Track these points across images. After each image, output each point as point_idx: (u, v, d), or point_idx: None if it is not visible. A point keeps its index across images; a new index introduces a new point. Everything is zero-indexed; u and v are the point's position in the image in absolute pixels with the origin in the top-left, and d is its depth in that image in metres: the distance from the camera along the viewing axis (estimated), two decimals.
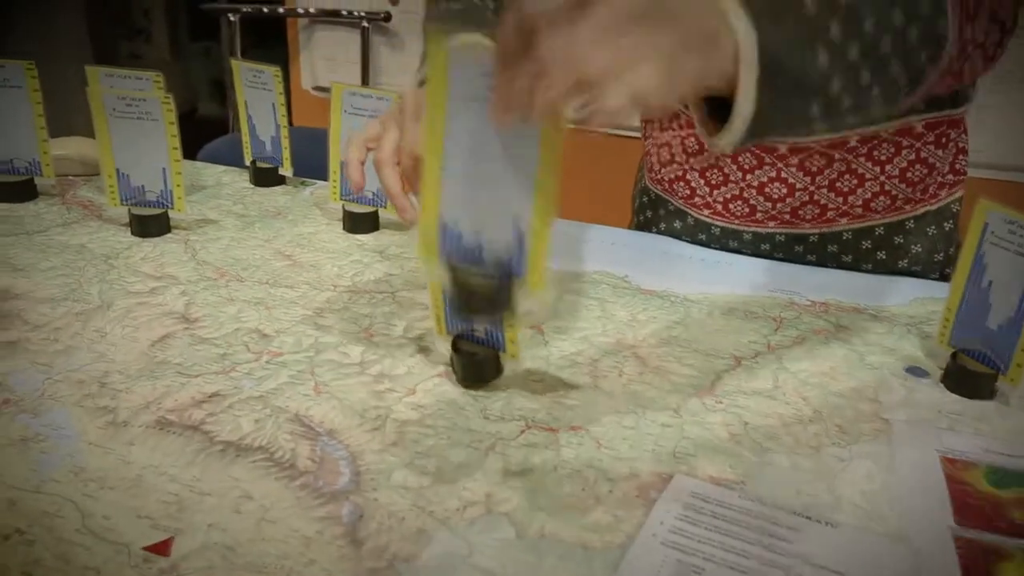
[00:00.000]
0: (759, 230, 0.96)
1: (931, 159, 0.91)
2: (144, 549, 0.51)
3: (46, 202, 1.02)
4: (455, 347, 0.63)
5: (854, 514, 0.56)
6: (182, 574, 0.50)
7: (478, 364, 0.63)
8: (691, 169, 0.97)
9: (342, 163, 0.98)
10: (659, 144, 1.01)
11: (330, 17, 2.17)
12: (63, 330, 0.75)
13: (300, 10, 2.17)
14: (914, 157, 0.91)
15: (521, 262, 0.51)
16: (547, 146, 0.46)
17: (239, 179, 1.14)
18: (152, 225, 0.94)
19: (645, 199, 1.08)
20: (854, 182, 0.91)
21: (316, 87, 2.27)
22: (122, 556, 0.51)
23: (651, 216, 1.07)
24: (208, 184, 1.11)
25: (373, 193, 0.98)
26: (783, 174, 0.91)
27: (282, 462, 0.60)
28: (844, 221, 0.94)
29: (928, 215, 0.95)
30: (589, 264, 0.93)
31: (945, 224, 0.96)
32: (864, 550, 0.53)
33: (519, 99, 0.46)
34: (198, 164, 1.19)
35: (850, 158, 0.90)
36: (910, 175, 0.91)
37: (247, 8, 2.22)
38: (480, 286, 0.52)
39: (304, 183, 1.13)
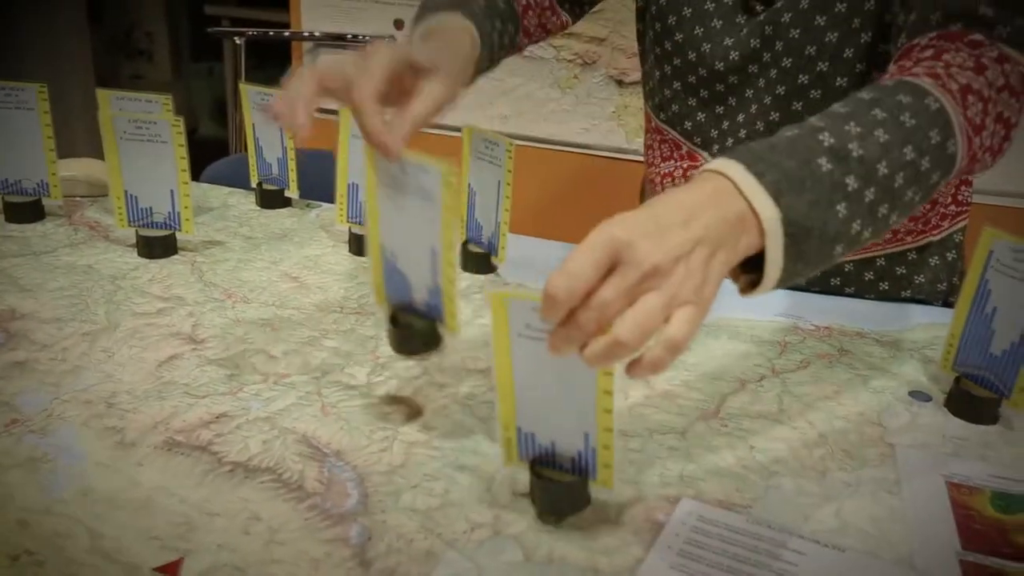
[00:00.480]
0: None
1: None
2: (154, 570, 0.51)
3: (53, 223, 1.03)
4: (536, 473, 0.59)
5: (861, 539, 0.56)
6: None
7: (564, 490, 0.58)
8: None
9: (349, 185, 0.99)
10: (663, 174, 1.02)
11: (335, 40, 2.19)
12: (70, 350, 0.75)
13: (306, 33, 2.19)
14: None
15: (594, 464, 0.57)
16: (604, 370, 0.53)
17: (245, 201, 1.14)
18: (159, 246, 0.95)
19: None
20: None
21: (320, 110, 2.28)
22: None
23: None
24: (214, 206, 1.12)
25: None
26: None
27: (290, 483, 0.60)
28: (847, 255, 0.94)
29: (931, 246, 0.95)
30: None
31: (948, 254, 0.97)
32: (871, 575, 0.53)
33: (579, 338, 0.50)
34: (204, 186, 1.20)
35: None
36: None
37: (253, 31, 2.23)
38: (557, 481, 0.58)
39: (310, 205, 1.14)
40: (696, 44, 0.91)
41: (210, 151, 1.96)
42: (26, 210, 1.02)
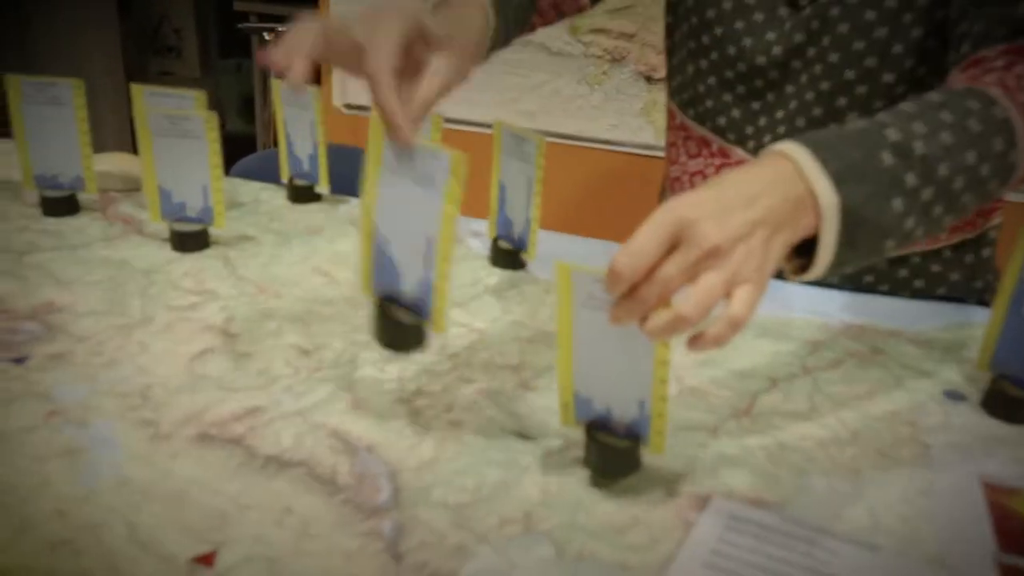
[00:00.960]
0: None
1: None
2: (189, 561, 0.52)
3: (88, 217, 1.04)
4: (592, 437, 0.61)
5: (895, 538, 0.56)
6: None
7: (618, 454, 0.60)
8: None
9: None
10: (691, 172, 1.01)
11: None
12: (106, 343, 0.76)
13: None
14: None
15: (647, 430, 0.59)
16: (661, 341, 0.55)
17: (276, 196, 1.15)
18: (192, 241, 0.96)
19: None
20: None
21: (347, 105, 2.29)
22: (169, 567, 0.51)
23: None
24: (246, 201, 1.13)
25: None
26: None
27: (322, 477, 0.60)
28: None
29: (966, 243, 0.94)
30: None
31: (983, 251, 0.96)
32: (905, 575, 0.53)
33: (640, 311, 0.53)
34: (236, 181, 1.21)
35: None
36: None
37: (283, 28, 2.25)
38: (614, 447, 0.60)
39: (340, 200, 1.14)
40: (737, 38, 0.90)
41: (238, 147, 1.98)
42: (62, 204, 1.03)
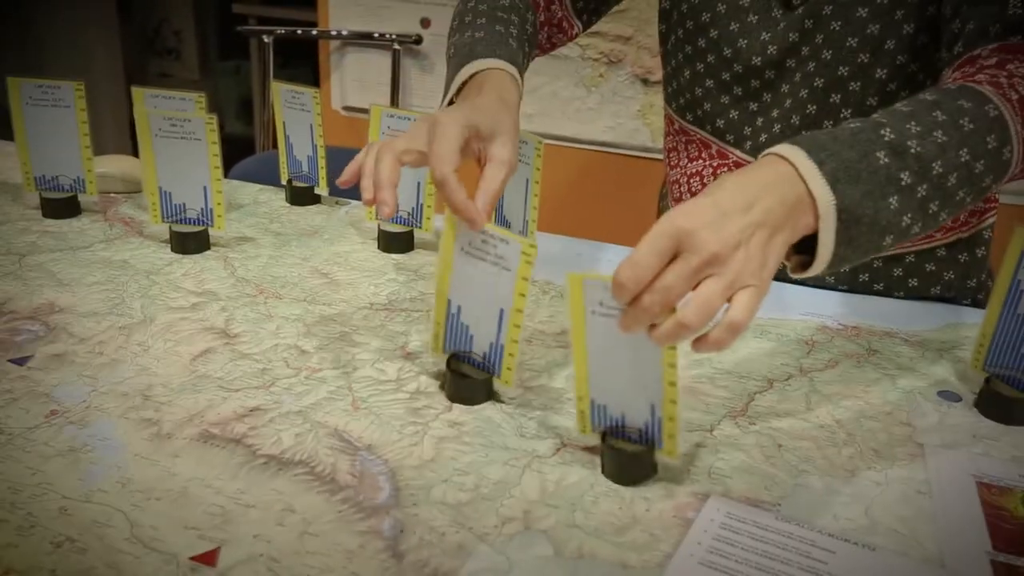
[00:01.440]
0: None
1: None
2: (191, 559, 0.52)
3: (89, 218, 1.04)
4: (607, 443, 0.62)
5: (891, 538, 0.57)
6: None
7: (632, 459, 0.61)
8: None
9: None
10: (689, 174, 1.02)
11: (362, 39, 2.20)
12: (107, 344, 0.77)
13: (333, 32, 2.20)
14: None
15: (659, 434, 0.60)
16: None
17: (275, 198, 1.16)
18: (192, 242, 0.96)
19: None
20: None
21: (346, 107, 2.30)
22: (170, 566, 0.52)
23: None
24: (245, 203, 1.13)
25: (408, 213, 1.00)
26: None
27: (323, 476, 0.61)
28: None
29: (960, 242, 0.95)
30: None
31: (977, 251, 0.96)
32: (901, 574, 0.53)
33: (646, 319, 0.55)
34: (235, 183, 1.21)
35: None
36: None
37: (281, 30, 2.25)
38: (627, 451, 0.61)
39: (339, 203, 1.15)
40: (732, 40, 0.91)
41: (237, 148, 1.99)
42: (63, 206, 1.04)
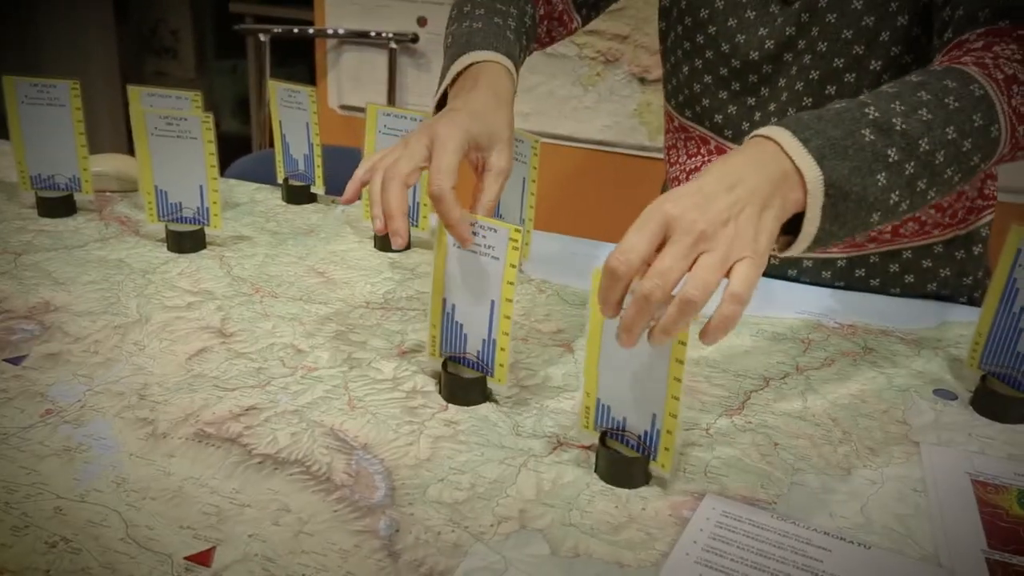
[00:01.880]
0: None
1: None
2: (186, 559, 0.52)
3: (85, 217, 1.04)
4: (604, 444, 0.62)
5: (887, 536, 0.57)
6: None
7: (626, 465, 0.61)
8: None
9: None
10: (688, 170, 1.02)
11: (358, 37, 2.20)
12: (103, 343, 0.77)
13: (330, 31, 2.20)
14: None
15: (656, 445, 0.60)
16: (676, 354, 0.57)
17: (271, 197, 1.15)
18: (188, 241, 0.96)
19: None
20: None
21: (342, 106, 2.30)
22: (165, 566, 0.52)
23: None
24: (241, 201, 1.13)
25: None
26: None
27: (319, 475, 0.61)
28: (872, 246, 0.94)
29: (957, 240, 0.95)
30: None
31: (974, 248, 0.96)
32: (897, 572, 0.53)
33: (649, 310, 0.54)
34: (231, 181, 1.21)
35: None
36: (939, 200, 0.92)
37: (278, 29, 2.25)
38: (621, 455, 0.62)
39: (335, 201, 1.15)
40: (730, 36, 0.92)
41: (233, 147, 1.98)
42: (58, 205, 1.03)
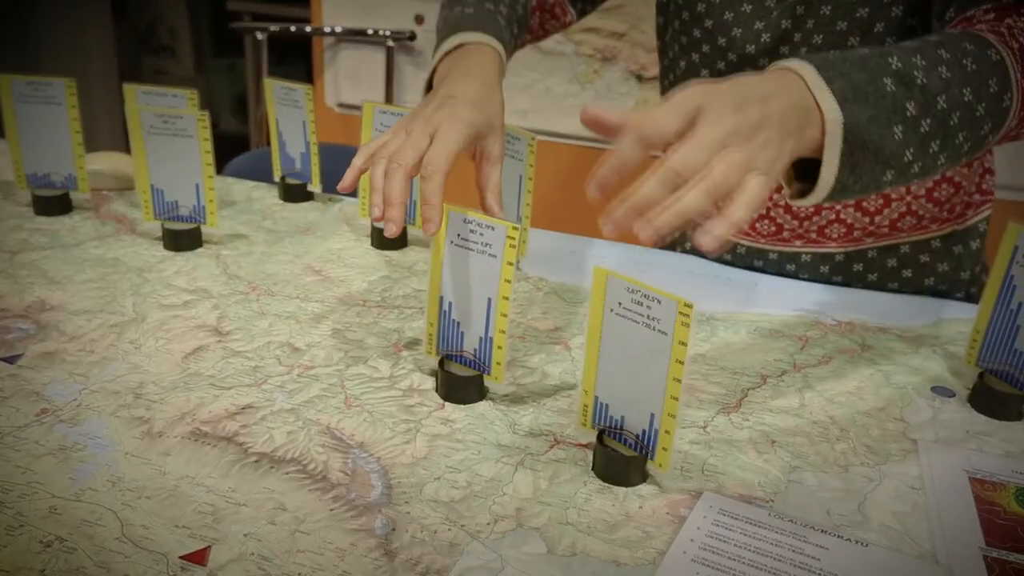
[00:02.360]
0: (785, 249, 0.96)
1: (958, 179, 0.92)
2: (181, 558, 0.52)
3: (81, 216, 1.04)
4: (601, 442, 0.62)
5: (884, 534, 0.56)
6: None
7: (622, 464, 0.61)
8: None
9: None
10: None
11: (356, 36, 2.20)
12: (98, 341, 0.76)
13: (327, 29, 2.20)
14: (941, 177, 0.91)
15: (654, 445, 0.60)
16: (676, 355, 0.57)
17: (268, 195, 1.15)
18: (184, 240, 0.96)
19: None
20: (880, 202, 0.92)
21: (340, 104, 2.29)
22: (161, 565, 0.52)
23: (675, 234, 1.07)
24: (238, 200, 1.13)
25: None
26: None
27: (315, 474, 0.61)
28: (870, 240, 0.94)
29: (955, 234, 0.95)
30: None
31: (972, 243, 0.96)
32: (895, 569, 0.53)
33: (673, 182, 0.54)
34: (228, 180, 1.21)
35: None
36: (937, 195, 0.92)
37: (275, 27, 2.25)
38: (618, 454, 0.61)
39: (332, 199, 1.15)
40: (727, 30, 0.92)
41: (232, 146, 1.98)
42: (54, 203, 1.03)
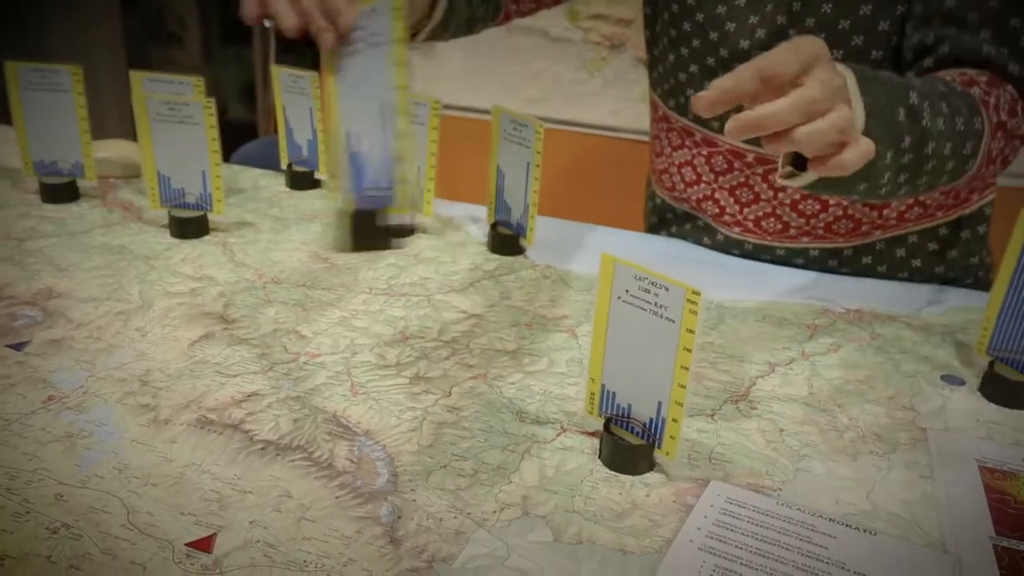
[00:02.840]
0: (792, 245, 0.95)
1: None
2: (187, 545, 0.52)
3: (88, 203, 1.04)
4: (608, 430, 0.62)
5: (893, 523, 0.56)
6: (224, 571, 0.51)
7: (630, 452, 0.61)
8: (719, 188, 0.97)
9: None
10: (678, 164, 1.01)
11: None
12: (105, 329, 0.76)
13: None
14: None
15: (661, 433, 0.60)
16: (683, 343, 0.56)
17: (275, 183, 1.15)
18: (191, 227, 0.95)
19: (669, 216, 1.07)
20: None
21: None
22: (166, 552, 0.52)
23: (675, 231, 1.06)
24: (245, 187, 1.13)
25: None
26: None
27: (321, 462, 0.60)
28: (878, 233, 0.93)
29: (961, 220, 0.94)
30: None
31: (979, 227, 0.96)
32: (903, 559, 0.53)
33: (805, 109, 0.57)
34: (235, 167, 1.21)
35: None
36: None
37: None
38: (626, 442, 0.61)
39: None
40: (719, 24, 0.90)
41: (239, 134, 1.98)
42: (61, 191, 1.03)
